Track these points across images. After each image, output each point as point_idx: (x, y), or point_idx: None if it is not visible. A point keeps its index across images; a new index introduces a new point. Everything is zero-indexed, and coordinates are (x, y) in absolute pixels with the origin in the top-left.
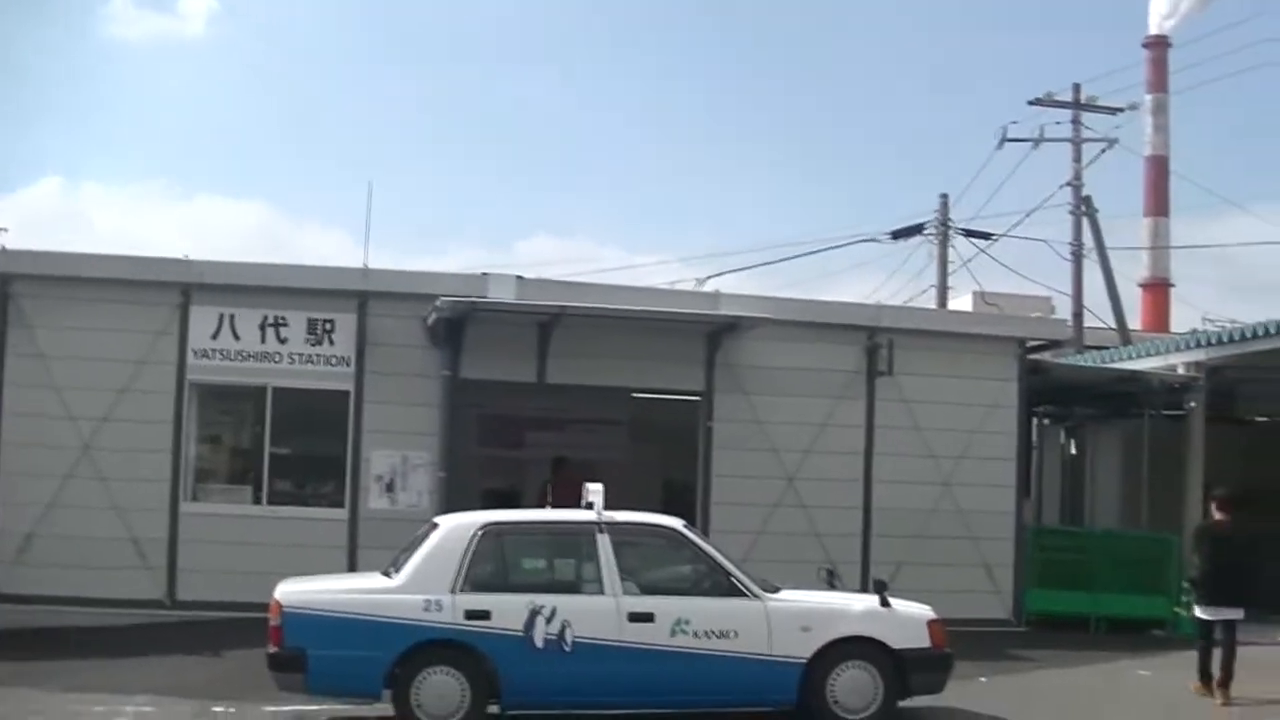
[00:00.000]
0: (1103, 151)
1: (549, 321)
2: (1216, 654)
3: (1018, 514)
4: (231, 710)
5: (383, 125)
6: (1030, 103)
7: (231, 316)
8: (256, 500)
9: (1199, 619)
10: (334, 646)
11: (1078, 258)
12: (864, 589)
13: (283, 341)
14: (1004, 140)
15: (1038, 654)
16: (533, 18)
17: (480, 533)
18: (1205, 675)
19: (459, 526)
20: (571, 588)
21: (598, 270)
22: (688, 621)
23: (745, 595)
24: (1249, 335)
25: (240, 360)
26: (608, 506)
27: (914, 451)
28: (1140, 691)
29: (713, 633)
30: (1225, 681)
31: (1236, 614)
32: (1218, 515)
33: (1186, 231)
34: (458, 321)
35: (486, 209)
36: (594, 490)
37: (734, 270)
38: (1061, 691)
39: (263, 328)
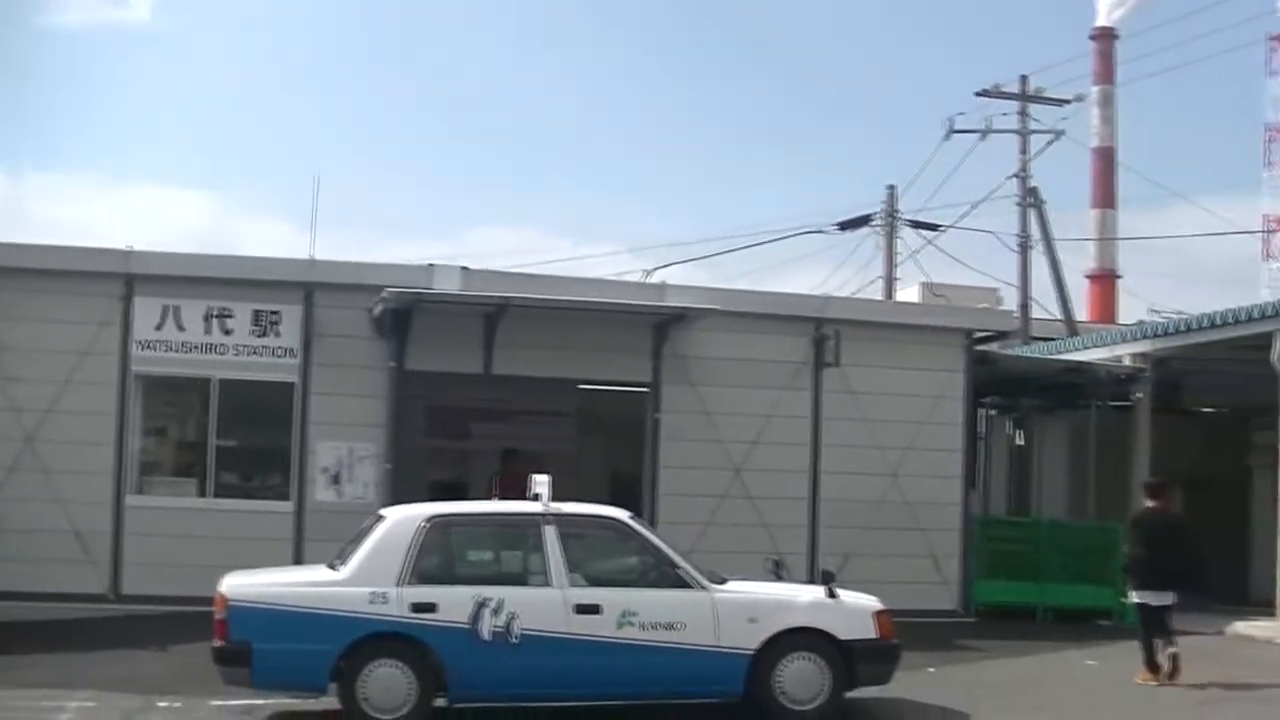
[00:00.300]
0: (1050, 143)
1: (495, 313)
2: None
3: (965, 505)
4: (177, 705)
5: (329, 115)
6: (977, 94)
7: (176, 308)
8: (202, 493)
9: (1138, 605)
10: (279, 640)
11: (1024, 249)
12: (811, 580)
13: (228, 333)
14: (951, 131)
15: (985, 644)
16: (480, 7)
17: (426, 525)
18: (1151, 663)
19: (405, 519)
20: (518, 580)
21: (545, 261)
22: (634, 613)
23: (692, 587)
24: (1194, 327)
25: (185, 352)
26: (555, 498)
27: (861, 443)
28: (1086, 681)
29: (659, 624)
30: (1159, 665)
31: (1167, 598)
32: (1149, 503)
33: (1134, 223)
34: (404, 313)
35: (434, 200)
36: (541, 482)
37: (682, 261)
38: (1009, 682)
39: (207, 319)
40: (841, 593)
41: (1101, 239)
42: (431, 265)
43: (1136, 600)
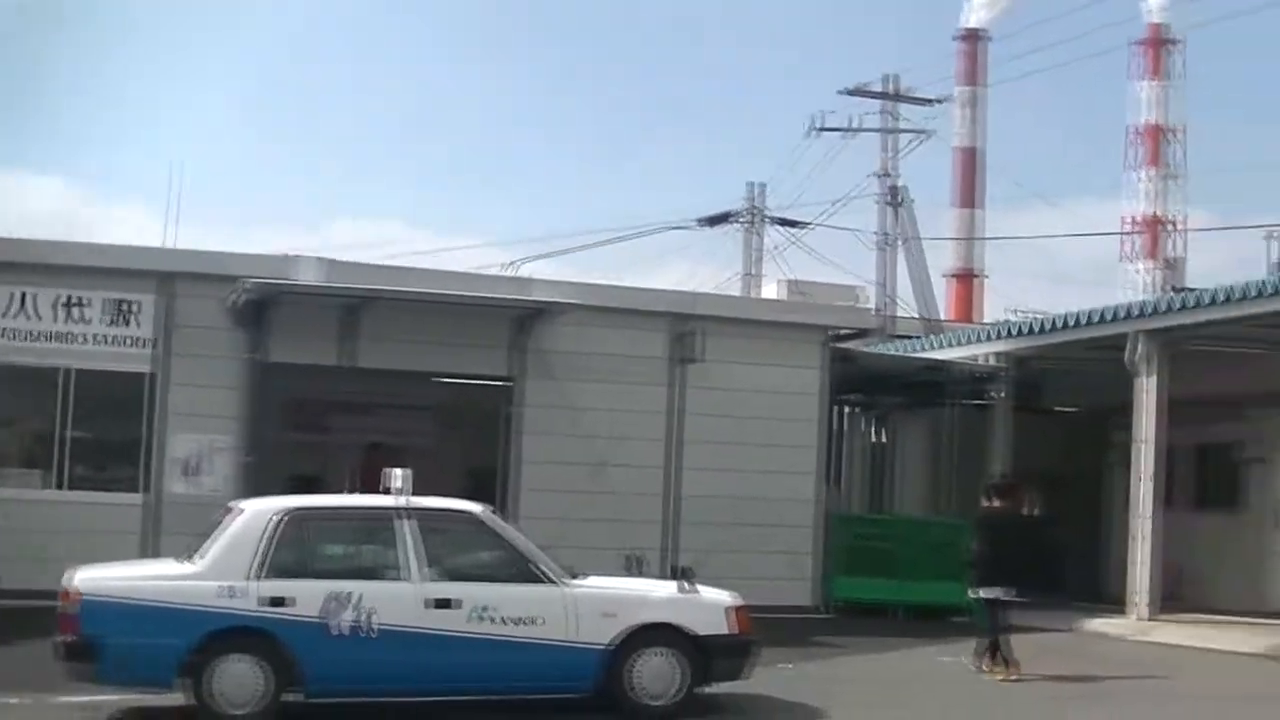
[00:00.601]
0: (920, 142)
1: (357, 305)
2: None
3: (825, 502)
4: (27, 702)
5: (191, 103)
6: (842, 93)
7: (33, 296)
8: (52, 484)
9: (981, 600)
10: (129, 635)
11: (884, 247)
12: (672, 576)
13: (82, 322)
14: (816, 129)
15: (843, 641)
16: None
17: (281, 518)
18: (993, 655)
19: (260, 512)
20: (373, 574)
21: (408, 254)
22: (490, 608)
23: (548, 581)
24: (1052, 327)
25: (37, 341)
26: (416, 492)
27: (722, 439)
28: (941, 677)
29: (515, 619)
30: (994, 655)
31: (1009, 593)
32: (996, 502)
33: (1001, 223)
34: (264, 304)
35: (296, 191)
36: (399, 475)
37: (546, 255)
38: (866, 678)
39: (61, 307)
40: (697, 588)
41: (964, 238)
42: (292, 256)
43: (982, 596)
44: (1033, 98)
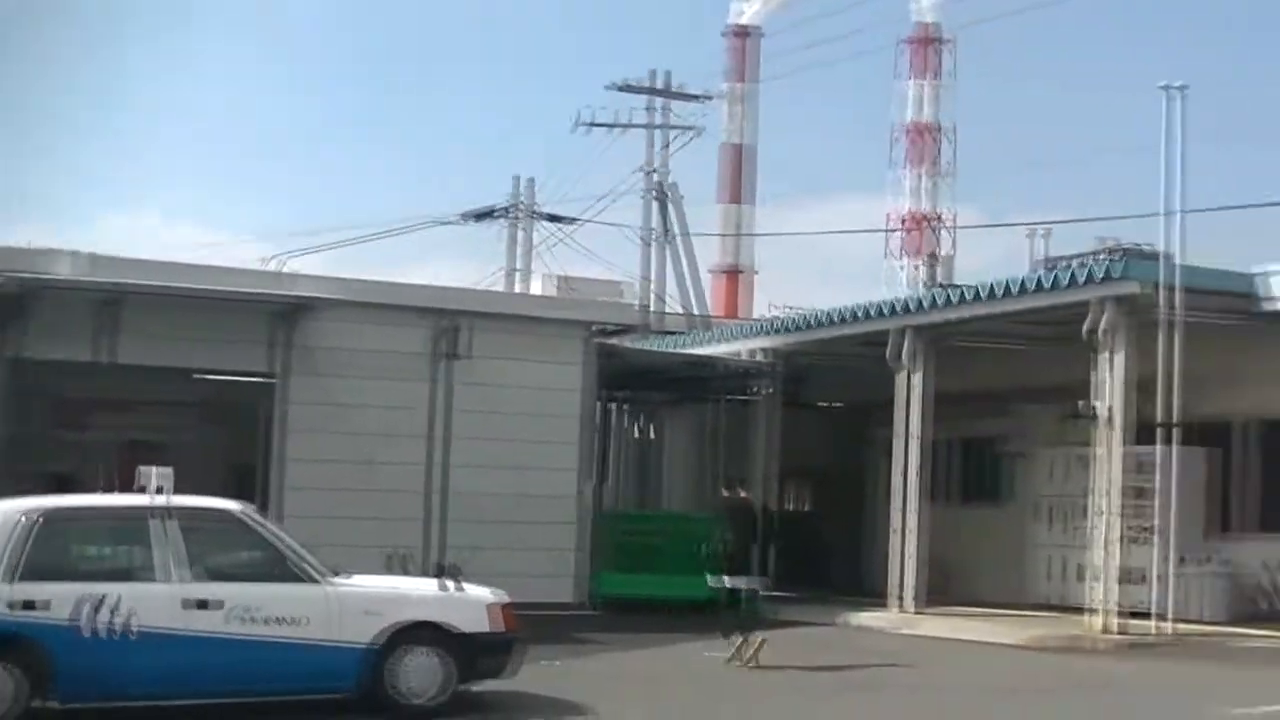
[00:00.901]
0: (690, 139)
1: (116, 300)
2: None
3: (590, 497)
4: None
5: None
6: (608, 88)
7: None
8: None
9: (732, 591)
10: None
11: (650, 243)
12: (438, 574)
13: None
14: (584, 124)
15: (608, 637)
16: None
17: (33, 519)
18: (740, 647)
19: (9, 513)
20: (130, 575)
21: (170, 248)
22: (250, 608)
23: (309, 580)
24: (816, 323)
25: None
26: (177, 490)
27: (488, 435)
28: (702, 670)
29: (277, 619)
30: (744, 646)
31: (750, 583)
32: (737, 494)
33: (772, 220)
34: (18, 299)
35: (53, 184)
36: (155, 474)
37: (312, 251)
38: (629, 673)
39: None
40: (460, 586)
41: (730, 234)
42: (50, 250)
43: (728, 586)
44: (805, 95)
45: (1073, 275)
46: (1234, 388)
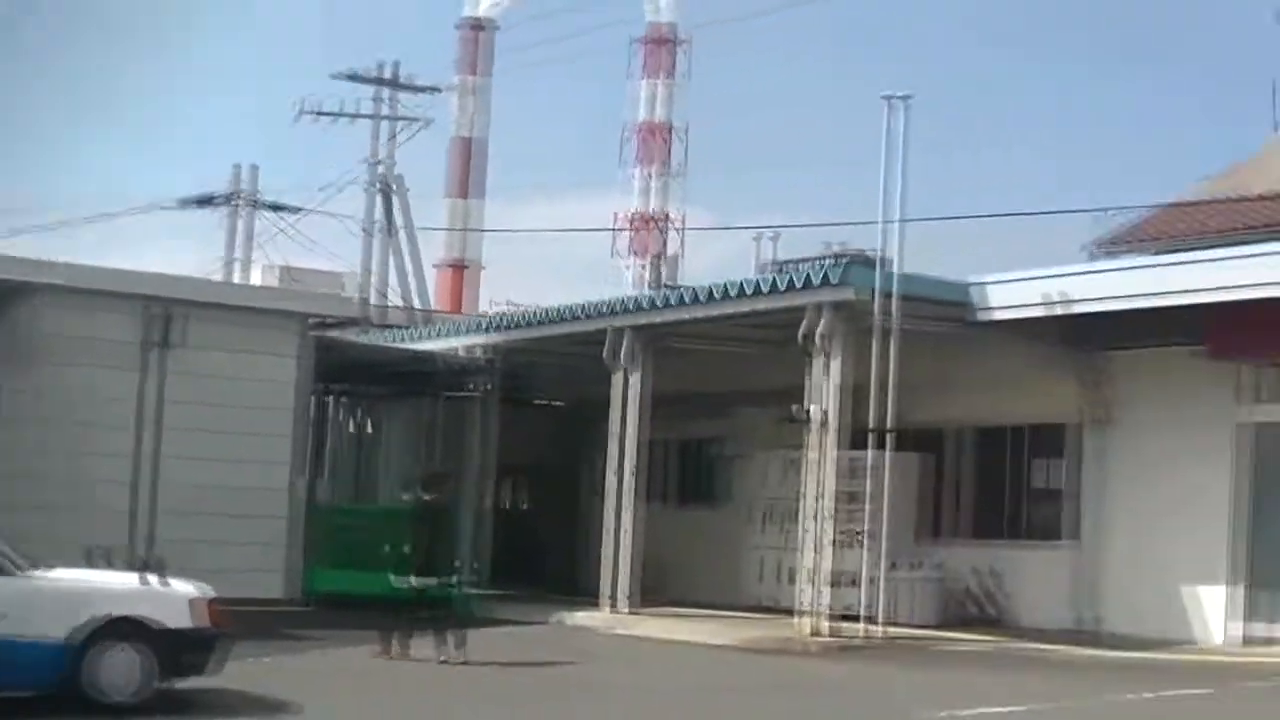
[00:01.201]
0: (418, 130)
1: None
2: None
3: (304, 491)
4: None
5: None
6: (334, 77)
7: None
8: None
9: (410, 587)
10: None
11: (373, 235)
12: (144, 568)
13: None
14: (306, 113)
15: (320, 633)
16: None
17: None
18: (401, 638)
19: None
20: None
21: None
22: None
23: (4, 573)
24: (535, 321)
25: None
26: None
27: (200, 426)
28: (412, 667)
29: None
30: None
31: (442, 582)
32: (426, 495)
33: (503, 216)
34: None
35: None
36: None
37: (22, 232)
38: (338, 670)
39: None
40: (163, 580)
41: (454, 229)
42: None
43: (412, 584)
44: (541, 90)
45: (791, 280)
46: (948, 395)
